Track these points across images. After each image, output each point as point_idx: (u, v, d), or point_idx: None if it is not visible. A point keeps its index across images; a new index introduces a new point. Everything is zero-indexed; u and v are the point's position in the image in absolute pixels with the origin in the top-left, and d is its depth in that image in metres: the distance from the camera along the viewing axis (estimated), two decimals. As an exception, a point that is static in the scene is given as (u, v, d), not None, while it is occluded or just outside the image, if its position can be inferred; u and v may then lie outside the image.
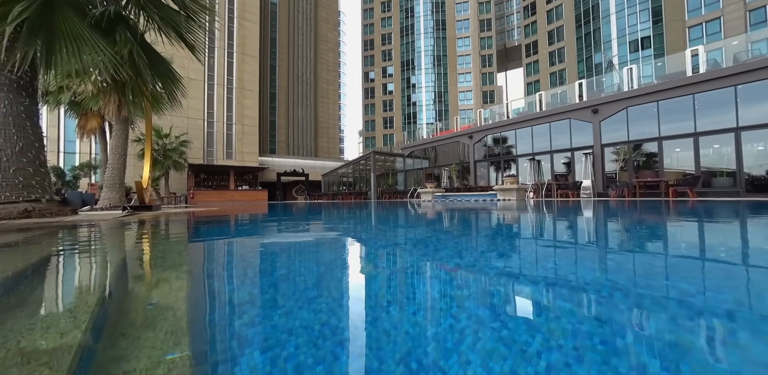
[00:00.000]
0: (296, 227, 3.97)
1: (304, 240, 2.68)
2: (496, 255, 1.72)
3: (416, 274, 1.33)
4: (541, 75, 41.07)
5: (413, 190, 17.49)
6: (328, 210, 7.83)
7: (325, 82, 49.88)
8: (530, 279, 1.16)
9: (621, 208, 6.10)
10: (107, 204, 6.15)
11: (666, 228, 3.06)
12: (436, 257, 1.67)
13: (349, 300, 1.02)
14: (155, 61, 5.04)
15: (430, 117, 44.87)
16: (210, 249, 2.38)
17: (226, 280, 1.38)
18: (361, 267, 1.55)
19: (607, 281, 1.12)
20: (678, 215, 4.30)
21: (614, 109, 12.97)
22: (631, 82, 13.75)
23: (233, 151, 26.39)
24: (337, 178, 29.19)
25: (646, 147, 12.48)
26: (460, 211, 6.18)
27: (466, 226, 3.60)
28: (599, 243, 2.25)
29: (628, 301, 0.89)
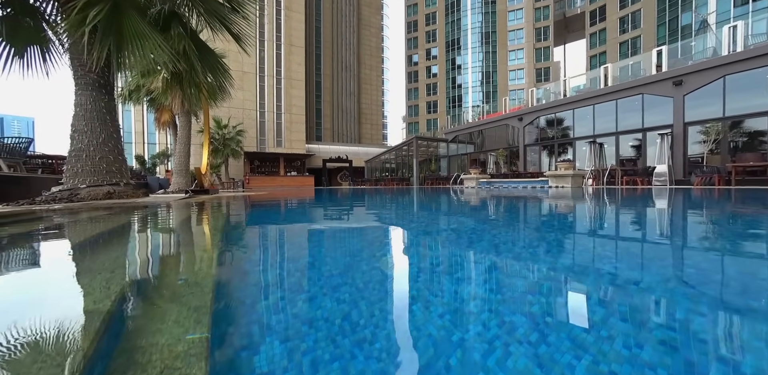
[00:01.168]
0: (335, 211, 4.06)
1: (340, 226, 2.71)
2: (525, 252, 1.42)
3: (441, 264, 1.19)
4: (608, 45, 35.78)
5: (456, 177, 16.88)
6: (367, 195, 7.93)
7: (368, 68, 49.58)
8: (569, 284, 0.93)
9: (708, 197, 5.16)
10: (176, 188, 6.98)
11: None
12: (458, 251, 1.54)
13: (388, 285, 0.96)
14: (205, 53, 5.40)
15: (476, 100, 42.31)
16: (247, 229, 2.53)
17: (251, 259, 1.42)
18: (388, 255, 1.49)
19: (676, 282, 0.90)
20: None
21: (706, 79, 10.80)
22: (733, 44, 11.18)
23: (282, 139, 28.00)
24: (380, 164, 29.43)
25: (750, 124, 10.26)
26: (501, 199, 5.79)
27: (499, 216, 3.34)
28: (665, 240, 1.90)
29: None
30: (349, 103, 44.28)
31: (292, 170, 26.90)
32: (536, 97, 17.98)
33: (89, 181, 4.43)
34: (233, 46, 5.78)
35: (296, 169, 27.35)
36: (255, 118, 26.85)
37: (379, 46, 51.84)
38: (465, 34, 43.78)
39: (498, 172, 16.81)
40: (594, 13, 37.87)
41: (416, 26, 49.08)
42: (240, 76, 26.21)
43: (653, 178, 10.82)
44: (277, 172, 26.24)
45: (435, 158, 23.40)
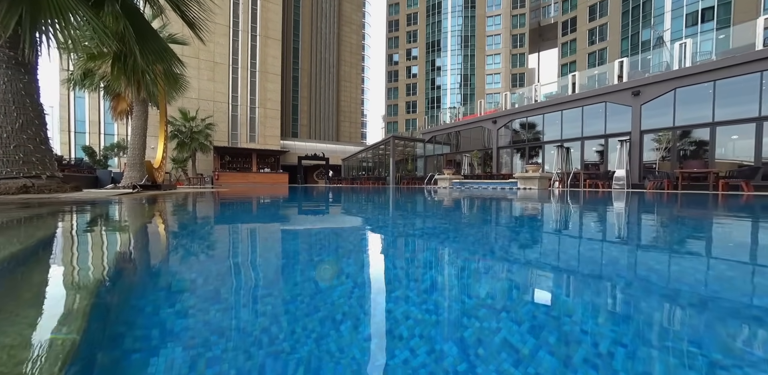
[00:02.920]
0: (289, 210, 3.87)
1: (277, 226, 2.54)
2: (471, 250, 1.47)
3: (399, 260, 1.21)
4: (578, 55, 37.76)
5: (430, 177, 17.06)
6: (334, 194, 7.76)
7: (348, 65, 48.99)
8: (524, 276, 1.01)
9: (657, 200, 5.49)
10: (128, 183, 6.41)
11: (710, 225, 2.63)
12: (411, 246, 1.47)
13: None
14: (149, 37, 4.92)
15: (454, 101, 43.09)
16: (172, 230, 2.30)
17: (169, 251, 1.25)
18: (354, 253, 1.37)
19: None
20: (727, 211, 3.74)
21: (659, 91, 11.60)
22: (683, 59, 12.13)
23: (256, 135, 26.96)
24: (356, 162, 29.18)
25: (696, 134, 11.15)
26: (466, 199, 5.85)
27: (459, 215, 3.32)
28: (611, 237, 1.93)
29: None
30: (327, 100, 43.51)
31: (266, 167, 26.01)
32: (510, 101, 18.55)
33: (1, 173, 3.88)
34: (205, 35, 5.36)
35: (270, 166, 26.48)
36: (227, 112, 25.62)
37: (359, 43, 51.36)
38: (445, 37, 44.43)
39: (472, 173, 17.17)
40: (566, 24, 39.79)
41: (397, 26, 49.14)
42: (211, 66, 24.91)
43: (613, 182, 11.49)
44: (249, 168, 25.25)
45: (412, 158, 23.54)
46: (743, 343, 0.57)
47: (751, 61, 9.86)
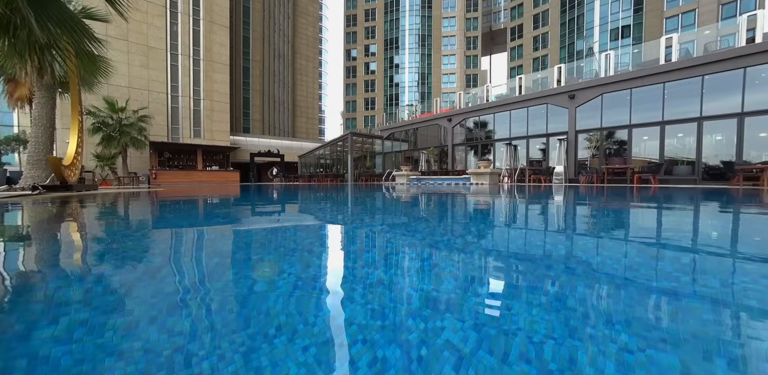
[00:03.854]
0: (222, 210, 3.56)
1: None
2: (413, 240, 1.45)
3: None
4: (524, 60, 40.79)
5: (388, 173, 17.17)
6: (290, 193, 7.41)
7: (305, 58, 47.09)
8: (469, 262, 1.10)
9: (586, 193, 6.08)
10: (28, 183, 5.34)
11: (618, 212, 2.92)
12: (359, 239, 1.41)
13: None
14: (48, 2, 4.02)
15: (412, 99, 43.90)
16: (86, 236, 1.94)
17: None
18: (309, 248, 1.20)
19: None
20: (634, 201, 4.24)
21: (590, 96, 12.96)
22: (608, 68, 13.70)
23: (202, 129, 24.65)
24: (314, 159, 28.31)
25: (618, 134, 12.68)
26: (423, 195, 5.94)
27: (413, 210, 3.32)
28: (542, 225, 2.03)
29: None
30: (282, 94, 41.37)
31: (213, 164, 23.98)
32: (464, 100, 19.35)
33: None
34: (133, 13, 4.58)
35: (218, 164, 24.48)
36: (165, 103, 23.00)
37: (316, 36, 49.65)
38: (403, 35, 44.90)
39: (429, 170, 17.64)
40: (514, 30, 42.67)
41: (355, 21, 48.45)
42: (144, 51, 22.13)
43: (553, 177, 12.61)
44: (194, 166, 23.06)
45: (371, 155, 23.50)
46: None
47: (656, 74, 11.44)
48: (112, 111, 16.48)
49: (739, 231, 1.85)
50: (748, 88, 10.05)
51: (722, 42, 12.98)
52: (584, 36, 34.33)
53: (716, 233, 1.81)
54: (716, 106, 10.53)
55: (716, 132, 10.77)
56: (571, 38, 35.63)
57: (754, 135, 10.05)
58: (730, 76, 10.26)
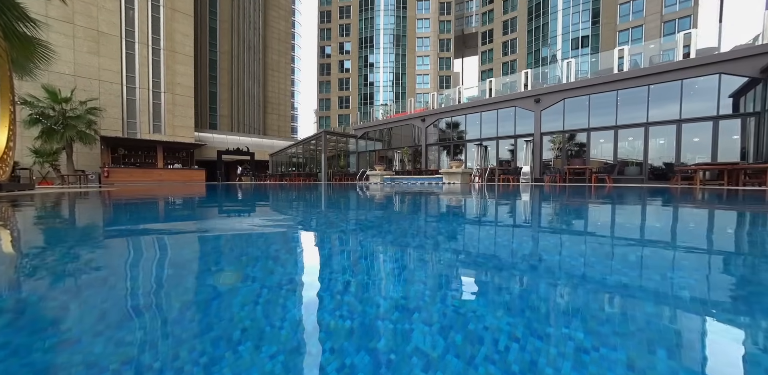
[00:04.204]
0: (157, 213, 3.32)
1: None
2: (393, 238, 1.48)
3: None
4: (494, 64, 42.40)
5: (362, 173, 17.08)
6: (259, 192, 7.10)
7: (276, 53, 45.46)
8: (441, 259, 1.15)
9: (550, 192, 6.39)
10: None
11: (576, 209, 3.08)
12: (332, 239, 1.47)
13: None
14: None
15: (387, 99, 44.02)
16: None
17: None
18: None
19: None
20: (592, 198, 4.51)
21: (554, 100, 13.72)
22: (569, 75, 14.60)
23: (162, 124, 22.92)
24: (286, 158, 27.49)
25: (578, 137, 13.56)
26: (398, 194, 5.94)
27: (388, 208, 3.29)
28: (508, 222, 2.08)
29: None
30: (252, 89, 39.64)
31: (176, 162, 22.47)
32: (438, 101, 19.71)
33: None
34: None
35: (181, 161, 22.98)
36: (120, 95, 21.10)
37: (288, 31, 48.13)
38: (378, 34, 44.85)
39: (403, 169, 17.77)
40: (485, 35, 44.18)
41: (329, 17, 47.65)
42: (94, 36, 20.16)
43: (520, 177, 13.21)
44: (153, 163, 21.45)
45: (344, 154, 23.25)
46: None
47: (610, 82, 12.37)
48: (54, 101, 14.82)
49: (676, 225, 2.02)
50: (684, 97, 11.16)
51: (664, 56, 14.31)
52: (548, 44, 36.36)
53: (659, 225, 1.99)
54: (660, 113, 11.60)
55: (660, 136, 11.85)
56: (537, 45, 37.58)
57: (689, 140, 11.19)
58: (671, 86, 11.33)
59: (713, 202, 3.74)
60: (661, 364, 0.46)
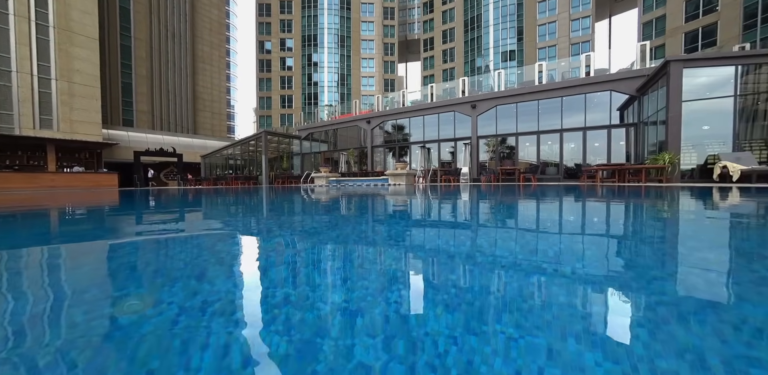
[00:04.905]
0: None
1: None
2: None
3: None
4: (435, 70, 44.75)
5: (307, 175, 16.40)
6: (179, 200, 6.23)
7: (208, 44, 41.27)
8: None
9: (486, 191, 6.81)
10: None
11: (510, 205, 3.26)
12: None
13: None
14: None
15: (332, 100, 43.26)
16: None
17: None
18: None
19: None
20: (519, 196, 4.90)
21: (487, 106, 14.91)
22: (500, 84, 16.05)
23: (54, 119, 18.87)
24: (221, 160, 25.09)
25: (509, 141, 14.94)
26: (346, 196, 5.72)
27: (335, 210, 3.07)
28: (453, 218, 2.05)
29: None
30: (179, 84, 35.27)
31: (76, 164, 18.78)
32: (383, 103, 19.94)
33: None
34: None
35: (85, 163, 19.31)
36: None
37: (222, 21, 44.15)
38: (322, 33, 43.86)
39: (349, 171, 17.54)
40: (426, 42, 46.35)
41: (269, 10, 45.08)
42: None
43: (460, 177, 14.03)
44: (42, 166, 17.58)
45: (288, 155, 22.10)
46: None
47: (533, 92, 13.93)
48: None
49: (585, 214, 2.22)
50: (588, 109, 13.11)
51: (572, 72, 16.67)
52: (483, 55, 39.72)
53: (572, 218, 2.17)
54: (571, 121, 13.41)
55: (571, 141, 13.69)
56: (473, 55, 40.76)
57: (591, 144, 13.17)
58: (578, 98, 13.19)
59: (608, 196, 4.34)
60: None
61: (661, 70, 9.79)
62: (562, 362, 0.45)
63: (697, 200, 3.75)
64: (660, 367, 0.44)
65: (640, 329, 0.56)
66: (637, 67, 12.61)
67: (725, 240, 1.51)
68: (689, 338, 0.51)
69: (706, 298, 0.70)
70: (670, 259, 1.09)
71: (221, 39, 44.01)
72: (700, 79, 9.39)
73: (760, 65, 8.90)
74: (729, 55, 9.56)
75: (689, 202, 3.61)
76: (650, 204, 3.31)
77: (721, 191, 5.06)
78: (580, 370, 0.43)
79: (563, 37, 35.86)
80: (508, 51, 38.31)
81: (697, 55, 10.95)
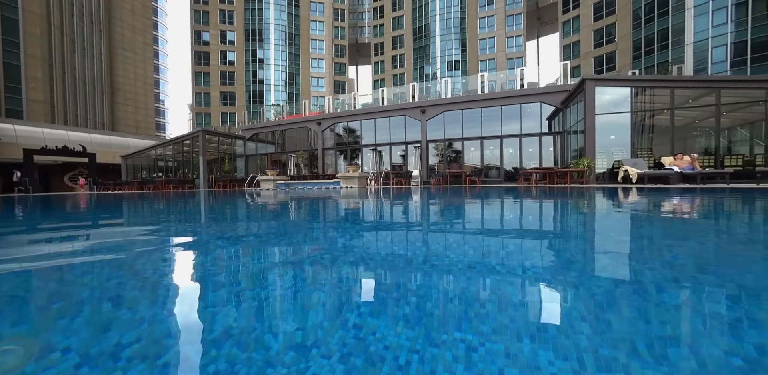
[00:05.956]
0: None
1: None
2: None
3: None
4: (386, 75, 45.59)
5: (252, 178, 15.23)
6: (81, 213, 5.22)
7: (129, 28, 36.06)
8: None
9: (437, 193, 6.99)
10: None
11: (459, 207, 3.32)
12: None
13: None
14: None
15: (279, 99, 41.18)
16: None
17: None
18: None
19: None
20: (466, 196, 5.10)
21: (436, 112, 15.54)
22: (447, 91, 16.89)
23: None
24: (148, 161, 22.03)
25: (455, 145, 15.76)
26: (294, 201, 5.33)
27: (284, 214, 2.77)
28: (407, 219, 1.95)
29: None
30: (90, 71, 30.08)
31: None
32: (333, 105, 19.53)
33: None
34: None
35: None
36: None
37: (147, 3, 39.06)
38: (267, 28, 41.56)
39: (299, 174, 16.76)
40: (377, 47, 46.99)
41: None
42: None
43: (411, 180, 14.33)
44: None
45: (230, 157, 20.31)
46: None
47: (476, 100, 14.94)
48: None
49: (524, 211, 2.34)
50: (523, 117, 14.51)
51: (509, 84, 18.34)
52: (430, 62, 41.65)
53: (511, 215, 2.24)
54: (509, 128, 14.68)
55: (509, 146, 14.98)
56: (422, 62, 42.49)
57: (526, 150, 14.59)
58: (514, 108, 14.51)
59: (549, 196, 4.76)
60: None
61: (579, 86, 11.25)
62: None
63: (614, 198, 4.30)
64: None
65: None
66: (561, 83, 14.35)
67: (639, 228, 1.96)
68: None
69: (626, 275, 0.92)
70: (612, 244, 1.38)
71: (146, 23, 38.93)
72: (607, 96, 11.03)
73: (644, 88, 10.83)
74: (626, 78, 11.42)
75: (608, 199, 4.11)
76: (584, 202, 3.67)
77: (624, 191, 5.94)
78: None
79: (501, 52, 39.45)
80: (454, 61, 40.78)
81: (605, 76, 12.88)
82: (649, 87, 10.83)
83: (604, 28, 30.07)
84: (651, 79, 10.94)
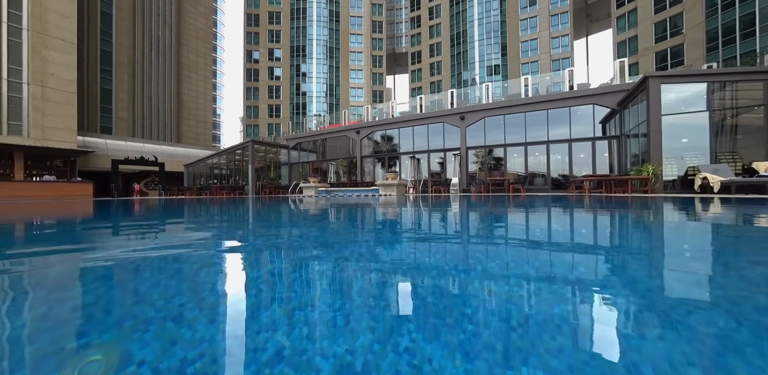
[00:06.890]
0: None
1: None
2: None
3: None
4: (423, 83, 45.73)
5: (295, 185, 16.03)
6: (159, 213, 5.85)
7: (194, 52, 40.77)
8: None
9: (479, 201, 6.74)
10: None
11: (500, 214, 3.15)
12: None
13: None
14: None
15: (320, 109, 43.27)
16: None
17: None
18: None
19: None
20: (511, 206, 4.82)
21: (476, 118, 15.15)
22: (487, 97, 16.42)
23: (24, 124, 17.83)
24: (206, 169, 24.31)
25: (497, 152, 15.15)
26: (335, 206, 5.48)
27: (325, 220, 2.85)
28: (454, 226, 1.89)
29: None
30: (162, 91, 34.47)
31: (47, 172, 17.71)
32: (371, 114, 20.00)
33: None
34: None
35: (57, 172, 18.24)
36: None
37: (209, 29, 43.93)
38: (311, 44, 44.26)
39: (338, 181, 17.28)
40: (414, 55, 47.51)
41: (257, 21, 45.32)
42: None
43: (450, 188, 14.02)
44: (8, 175, 16.47)
45: (275, 165, 21.66)
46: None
47: (519, 105, 14.28)
48: None
49: (579, 223, 2.12)
50: (572, 121, 13.51)
51: (555, 86, 17.30)
52: (469, 68, 40.98)
53: (562, 228, 2.06)
54: (557, 133, 13.76)
55: (557, 153, 14.02)
56: (460, 69, 42.00)
57: (577, 156, 13.51)
58: (562, 111, 13.60)
59: (599, 206, 4.32)
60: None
61: (640, 85, 10.22)
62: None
63: (695, 210, 3.77)
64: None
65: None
66: (617, 83, 13.18)
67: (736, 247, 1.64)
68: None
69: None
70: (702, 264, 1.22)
71: (208, 47, 43.65)
72: (673, 94, 9.86)
73: (725, 83, 9.46)
74: (700, 73, 10.12)
75: (690, 211, 3.61)
76: (654, 215, 3.27)
77: (708, 202, 5.17)
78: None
79: (545, 53, 37.58)
80: (493, 65, 39.70)
81: (672, 72, 11.56)
82: (731, 81, 9.46)
83: (667, 20, 27.23)
84: (735, 72, 9.52)
